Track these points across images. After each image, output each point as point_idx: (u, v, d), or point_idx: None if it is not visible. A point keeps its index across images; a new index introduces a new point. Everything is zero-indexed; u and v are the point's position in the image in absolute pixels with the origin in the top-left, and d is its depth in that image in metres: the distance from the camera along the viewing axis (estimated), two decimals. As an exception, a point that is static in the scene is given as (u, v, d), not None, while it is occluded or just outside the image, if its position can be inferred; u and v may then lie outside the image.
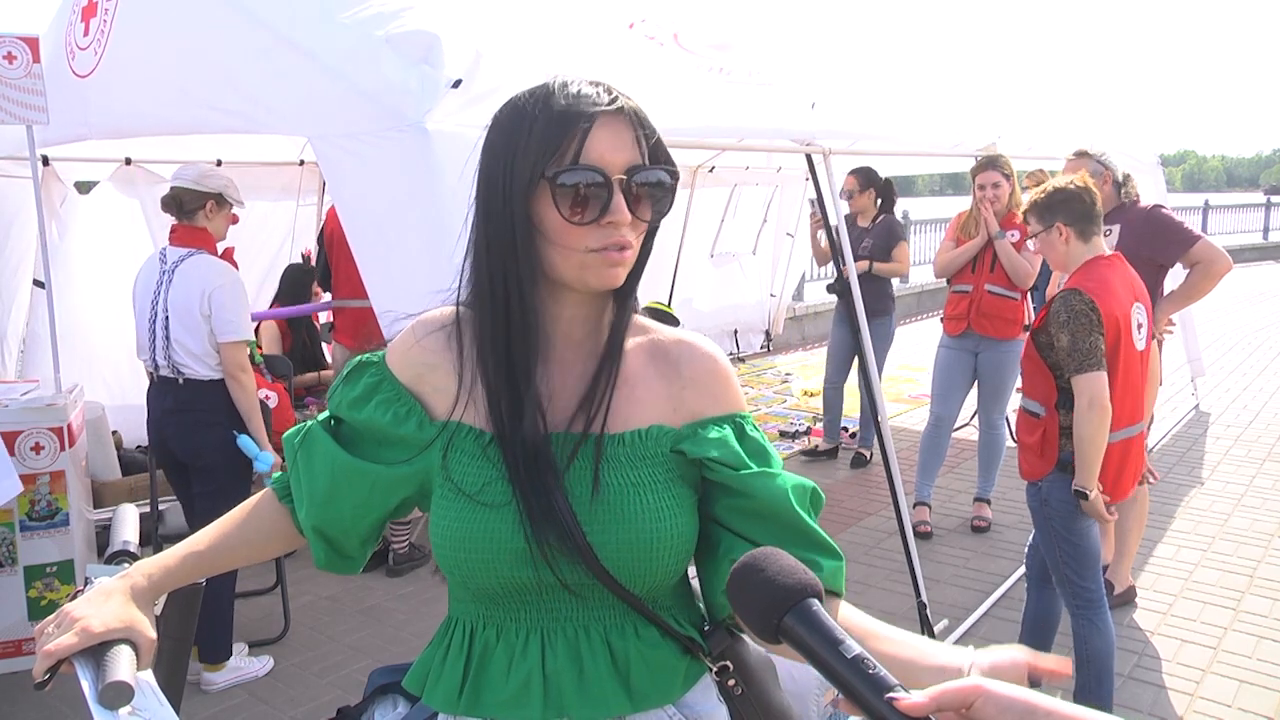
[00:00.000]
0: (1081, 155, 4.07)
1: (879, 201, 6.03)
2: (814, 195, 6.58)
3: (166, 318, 3.44)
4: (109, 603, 1.10)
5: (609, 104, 1.09)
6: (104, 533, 4.67)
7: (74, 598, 1.15)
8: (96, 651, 1.05)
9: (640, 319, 1.26)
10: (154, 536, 3.78)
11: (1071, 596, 3.05)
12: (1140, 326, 2.94)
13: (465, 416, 1.17)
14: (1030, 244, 4.03)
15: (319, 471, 1.21)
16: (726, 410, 1.21)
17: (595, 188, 1.07)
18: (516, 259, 1.11)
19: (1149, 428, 3.51)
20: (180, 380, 3.48)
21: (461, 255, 1.18)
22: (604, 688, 1.14)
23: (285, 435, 1.30)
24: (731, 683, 1.21)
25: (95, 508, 4.59)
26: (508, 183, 1.10)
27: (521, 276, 1.12)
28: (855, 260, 5.94)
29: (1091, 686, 3.07)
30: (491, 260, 1.13)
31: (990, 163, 4.79)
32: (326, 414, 1.27)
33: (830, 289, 6.36)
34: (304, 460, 1.23)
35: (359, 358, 1.27)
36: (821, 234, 6.04)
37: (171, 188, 3.57)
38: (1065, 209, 2.94)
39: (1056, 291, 2.96)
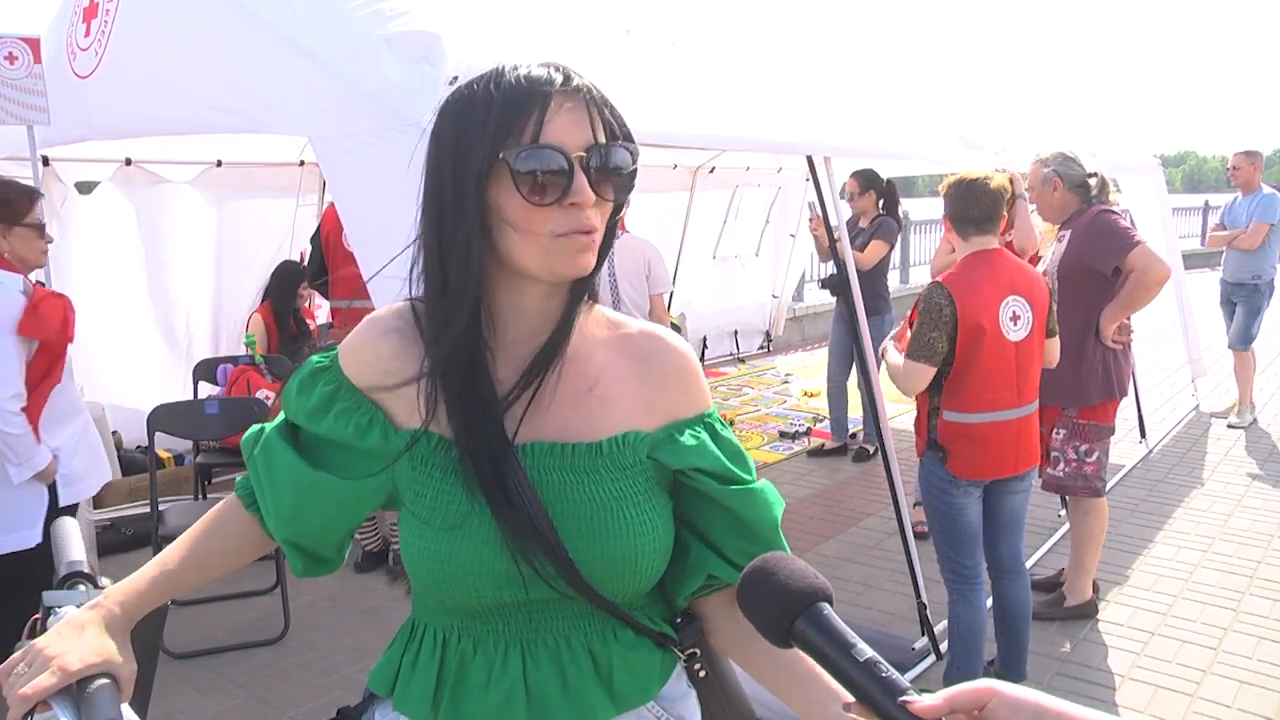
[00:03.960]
0: (1036, 161, 3.97)
1: (881, 203, 6.04)
2: (813, 197, 6.60)
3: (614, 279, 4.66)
4: (84, 636, 1.05)
5: (563, 83, 1.04)
6: (104, 532, 4.68)
7: (33, 627, 1.11)
8: (75, 689, 1.00)
9: (604, 310, 1.21)
10: (154, 537, 3.78)
11: (946, 570, 3.26)
12: (1016, 318, 3.07)
13: (432, 425, 1.10)
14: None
15: (282, 485, 1.14)
16: (697, 410, 1.18)
17: (556, 168, 1.02)
18: (472, 252, 1.05)
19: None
20: None
21: (414, 252, 1.13)
22: (588, 695, 1.12)
23: (243, 440, 1.23)
24: (698, 667, 1.21)
25: (96, 508, 4.60)
26: (460, 170, 1.04)
27: (479, 271, 1.06)
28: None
29: (960, 662, 3.25)
30: (445, 255, 1.06)
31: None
32: (282, 418, 1.19)
33: (823, 285, 6.38)
34: (265, 471, 1.17)
35: (310, 360, 1.19)
36: (820, 232, 6.09)
37: None
38: (948, 204, 3.17)
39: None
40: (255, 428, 1.22)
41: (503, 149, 1.02)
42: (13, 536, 2.93)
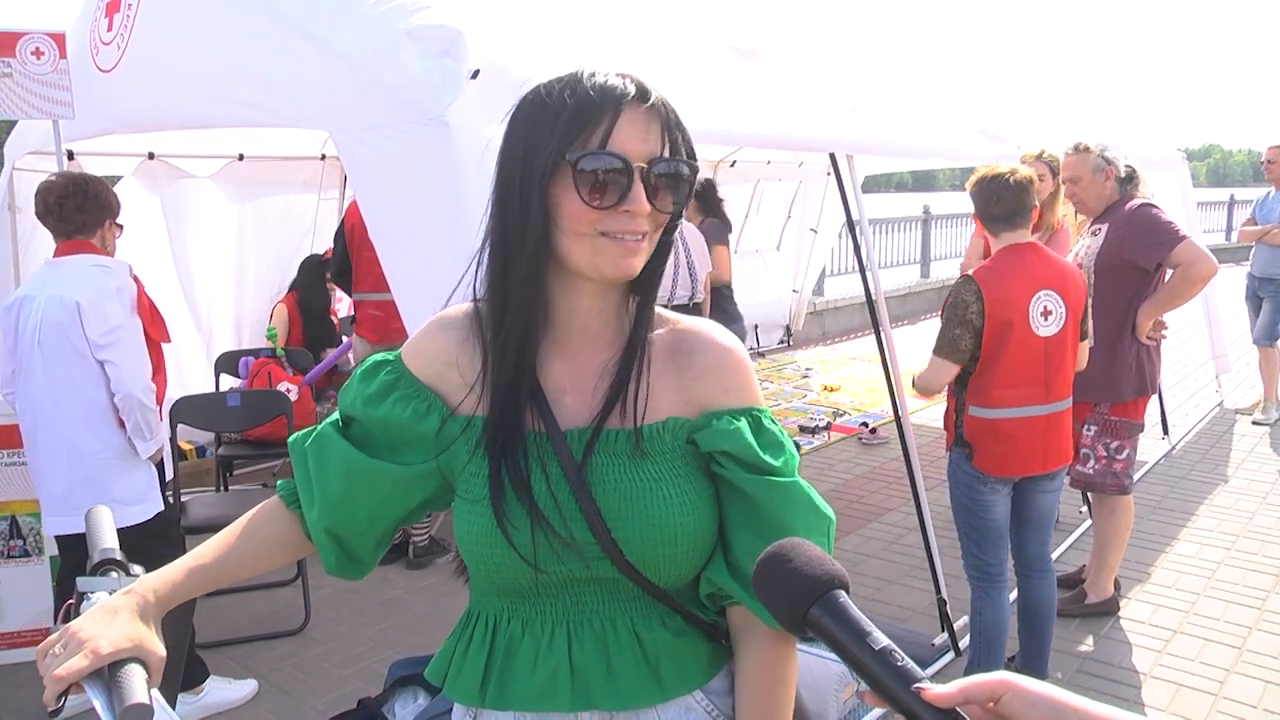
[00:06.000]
0: (1081, 150, 3.88)
1: (700, 206, 5.78)
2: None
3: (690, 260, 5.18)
4: (115, 621, 1.06)
5: (636, 95, 1.09)
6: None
7: (67, 612, 1.11)
8: (106, 672, 1.02)
9: (660, 310, 1.24)
10: (177, 529, 3.81)
11: (970, 567, 3.24)
12: (1048, 313, 3.02)
13: (485, 411, 1.16)
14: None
15: (333, 473, 1.19)
16: (741, 403, 1.18)
17: (616, 174, 1.06)
18: (527, 244, 1.10)
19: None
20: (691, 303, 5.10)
21: (478, 250, 1.17)
22: (632, 678, 1.14)
23: (292, 440, 1.26)
24: None
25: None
26: (526, 168, 1.09)
27: (532, 262, 1.11)
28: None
29: (981, 659, 3.22)
30: (504, 249, 1.12)
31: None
32: (336, 416, 1.25)
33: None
34: (315, 462, 1.21)
35: (374, 356, 1.25)
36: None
37: None
38: (974, 203, 3.14)
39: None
40: (307, 429, 1.27)
41: (569, 150, 1.07)
42: (140, 508, 3.17)
